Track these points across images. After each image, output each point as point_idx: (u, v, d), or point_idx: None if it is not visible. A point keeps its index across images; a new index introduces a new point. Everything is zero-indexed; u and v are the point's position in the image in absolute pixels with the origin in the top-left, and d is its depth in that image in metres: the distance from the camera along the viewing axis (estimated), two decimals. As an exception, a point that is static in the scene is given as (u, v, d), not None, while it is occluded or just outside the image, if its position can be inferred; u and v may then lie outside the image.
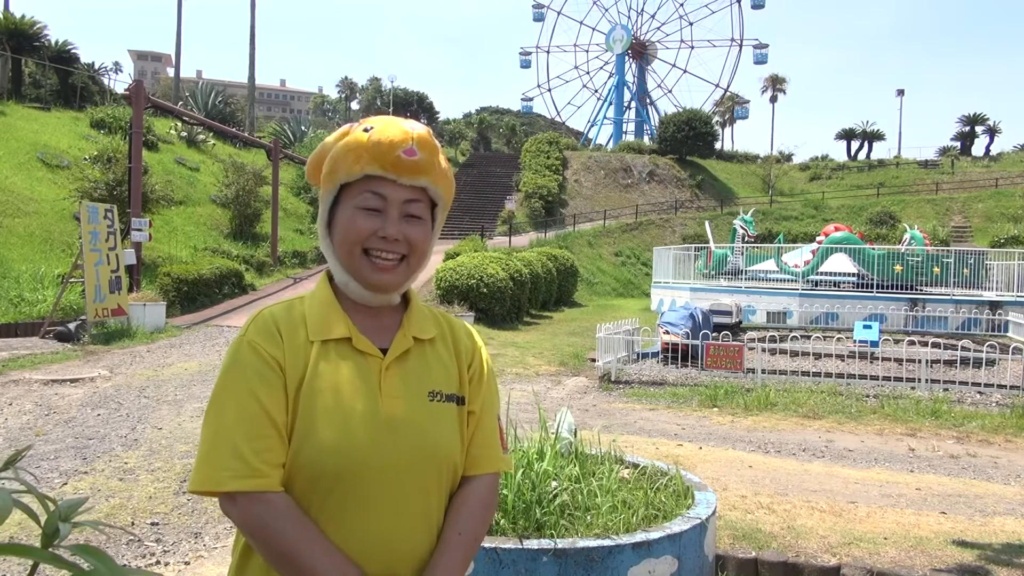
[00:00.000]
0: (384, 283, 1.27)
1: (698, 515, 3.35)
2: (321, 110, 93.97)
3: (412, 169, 1.24)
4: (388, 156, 1.23)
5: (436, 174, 1.28)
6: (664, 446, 6.19)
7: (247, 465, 1.15)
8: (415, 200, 1.28)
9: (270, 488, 1.16)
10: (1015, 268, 17.29)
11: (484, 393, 1.38)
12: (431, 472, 1.26)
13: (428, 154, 1.25)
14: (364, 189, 1.26)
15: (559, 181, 38.74)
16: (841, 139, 59.15)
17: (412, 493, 1.24)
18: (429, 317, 1.39)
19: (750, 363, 10.25)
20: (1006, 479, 5.81)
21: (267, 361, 1.21)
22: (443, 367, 1.34)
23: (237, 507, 1.16)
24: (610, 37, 61.13)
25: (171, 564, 3.83)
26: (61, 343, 11.15)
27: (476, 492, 1.33)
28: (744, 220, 21.04)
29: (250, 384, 1.19)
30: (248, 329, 1.25)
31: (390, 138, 1.23)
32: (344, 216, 1.27)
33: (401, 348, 1.29)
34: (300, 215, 27.52)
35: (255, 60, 39.98)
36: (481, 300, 15.52)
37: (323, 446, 1.18)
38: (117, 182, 16.57)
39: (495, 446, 1.37)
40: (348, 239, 1.26)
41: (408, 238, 1.27)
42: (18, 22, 27.33)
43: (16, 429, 6.37)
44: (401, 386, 1.26)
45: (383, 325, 1.32)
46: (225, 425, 1.17)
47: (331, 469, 1.19)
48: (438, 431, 1.28)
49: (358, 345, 1.26)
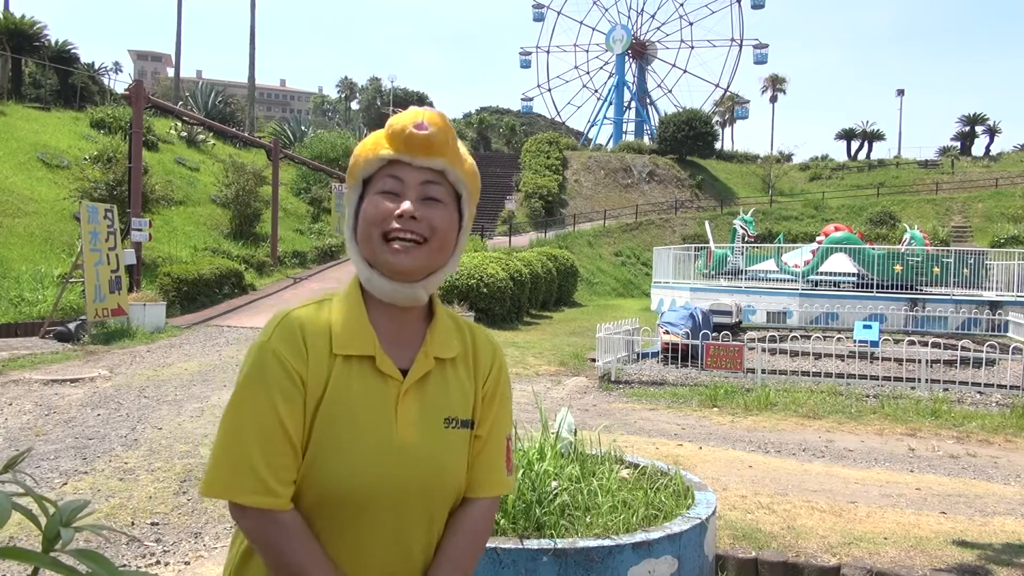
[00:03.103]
0: (403, 266, 1.22)
1: (698, 515, 3.35)
2: (321, 110, 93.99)
3: (425, 145, 1.23)
4: (400, 135, 1.24)
5: (452, 155, 1.27)
6: (664, 446, 6.19)
7: (261, 482, 1.15)
8: (433, 182, 1.26)
9: (282, 507, 1.17)
10: (1015, 268, 17.28)
11: (495, 415, 1.36)
12: (438, 498, 1.27)
13: (439, 131, 1.24)
14: (384, 175, 1.26)
15: (559, 181, 38.74)
16: (841, 139, 59.19)
17: (416, 517, 1.25)
18: (453, 331, 1.35)
19: (750, 363, 10.25)
20: (1006, 479, 5.81)
21: (290, 375, 1.19)
22: (462, 390, 1.32)
23: (248, 519, 1.17)
24: (610, 37, 61.13)
25: (171, 564, 3.83)
26: (61, 343, 11.14)
27: (472, 516, 1.32)
28: (744, 220, 21.04)
29: (272, 397, 1.18)
30: (273, 334, 1.22)
31: (401, 119, 1.25)
32: (365, 205, 1.27)
33: (421, 371, 1.27)
34: (300, 215, 27.51)
35: (255, 60, 40.01)
36: (481, 300, 15.52)
37: (333, 470, 1.19)
38: (117, 182, 16.56)
39: (498, 469, 1.36)
40: (367, 224, 1.25)
41: (427, 219, 1.24)
42: (18, 22, 27.33)
43: (16, 429, 6.37)
44: (417, 412, 1.25)
45: (408, 339, 1.30)
46: (243, 436, 1.16)
47: (339, 493, 1.19)
48: (449, 459, 1.28)
49: (380, 366, 1.24)
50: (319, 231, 25.99)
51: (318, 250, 23.33)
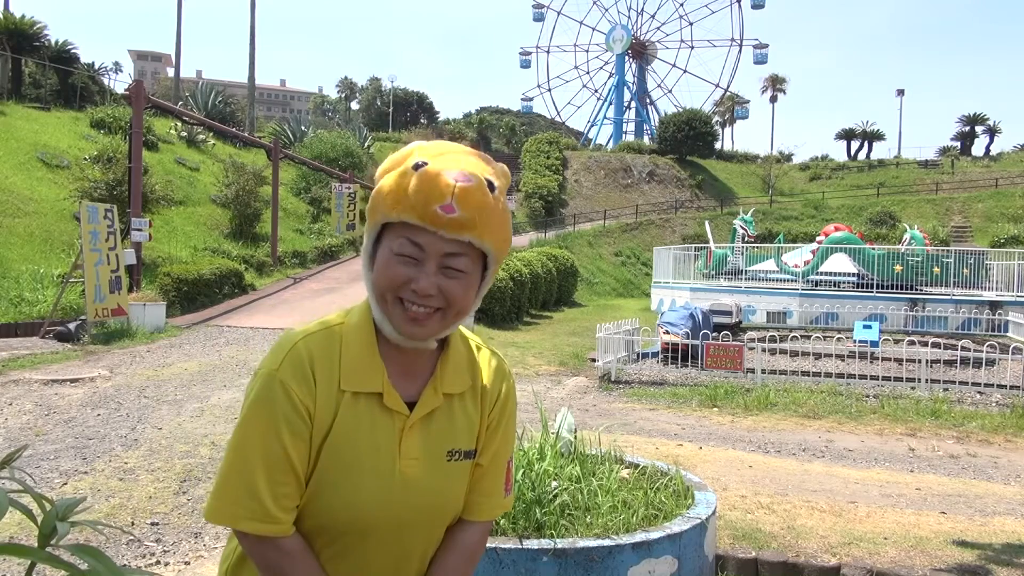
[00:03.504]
0: (415, 334, 1.20)
1: (698, 515, 3.35)
2: (321, 110, 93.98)
3: (451, 226, 1.13)
4: (425, 209, 1.11)
5: (483, 229, 1.15)
6: (664, 446, 6.19)
7: (264, 509, 1.16)
8: (457, 254, 1.16)
9: (283, 533, 1.18)
10: (1015, 268, 17.28)
11: (497, 444, 1.35)
12: (438, 525, 1.30)
13: (472, 211, 1.12)
14: (402, 234, 1.16)
15: (559, 181, 38.76)
16: (841, 139, 59.24)
17: (416, 545, 1.28)
18: (465, 366, 1.32)
19: (750, 363, 10.25)
20: (1006, 479, 5.81)
21: (297, 408, 1.17)
22: (468, 422, 1.31)
23: (248, 542, 1.19)
24: (610, 37, 61.16)
25: (171, 564, 3.83)
26: (61, 343, 11.14)
27: (466, 539, 1.33)
28: (744, 220, 21.05)
29: (278, 428, 1.17)
30: (283, 365, 1.18)
31: (428, 190, 1.11)
32: (382, 259, 1.18)
33: (428, 408, 1.26)
34: (300, 215, 27.50)
35: (255, 60, 40.00)
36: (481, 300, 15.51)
37: (335, 503, 1.20)
38: (117, 182, 16.55)
39: (496, 494, 1.37)
40: (382, 285, 1.18)
41: (445, 292, 1.17)
42: (18, 22, 27.32)
43: (16, 429, 6.37)
44: (421, 447, 1.25)
45: (417, 370, 1.27)
46: (248, 463, 1.17)
47: (340, 523, 1.21)
48: (451, 490, 1.29)
49: (388, 402, 1.23)
50: (319, 231, 25.98)
51: (318, 250, 23.32)
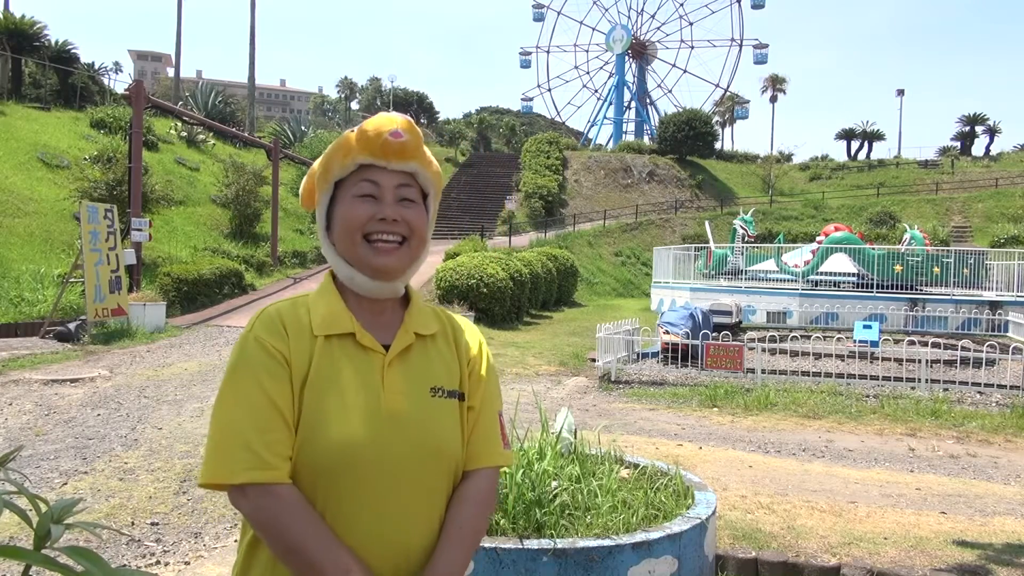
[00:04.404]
0: (388, 266, 1.29)
1: (698, 515, 3.34)
2: (321, 110, 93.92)
3: (400, 152, 1.29)
4: (376, 141, 1.28)
5: (423, 159, 1.33)
6: (664, 446, 6.19)
7: (258, 457, 1.16)
8: (407, 185, 1.32)
9: (280, 480, 1.18)
10: (1015, 268, 17.27)
11: (484, 389, 1.39)
12: (433, 468, 1.28)
13: (413, 137, 1.30)
14: (358, 179, 1.31)
15: (559, 181, 38.73)
16: (841, 139, 59.16)
17: (415, 489, 1.26)
18: (430, 314, 1.41)
19: (750, 363, 10.24)
20: (1006, 479, 5.80)
21: (273, 355, 1.23)
22: (444, 363, 1.36)
23: (248, 499, 1.17)
24: (610, 37, 61.12)
25: (171, 564, 3.82)
26: (61, 343, 11.14)
27: (475, 486, 1.34)
28: (744, 220, 21.03)
29: (258, 378, 1.21)
30: (254, 325, 1.27)
31: (376, 125, 1.29)
32: (343, 208, 1.31)
33: (403, 344, 1.31)
34: (300, 215, 27.50)
35: (255, 60, 39.99)
36: (481, 300, 15.51)
37: (326, 442, 1.20)
38: (117, 182, 16.56)
39: (495, 441, 1.39)
40: (348, 227, 1.30)
41: (406, 219, 1.31)
42: (18, 22, 27.32)
43: (16, 429, 6.37)
44: (403, 382, 1.29)
45: (386, 322, 1.34)
46: (234, 418, 1.19)
47: (334, 464, 1.20)
48: (440, 427, 1.30)
49: (362, 341, 1.28)
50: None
51: (318, 250, 23.31)
